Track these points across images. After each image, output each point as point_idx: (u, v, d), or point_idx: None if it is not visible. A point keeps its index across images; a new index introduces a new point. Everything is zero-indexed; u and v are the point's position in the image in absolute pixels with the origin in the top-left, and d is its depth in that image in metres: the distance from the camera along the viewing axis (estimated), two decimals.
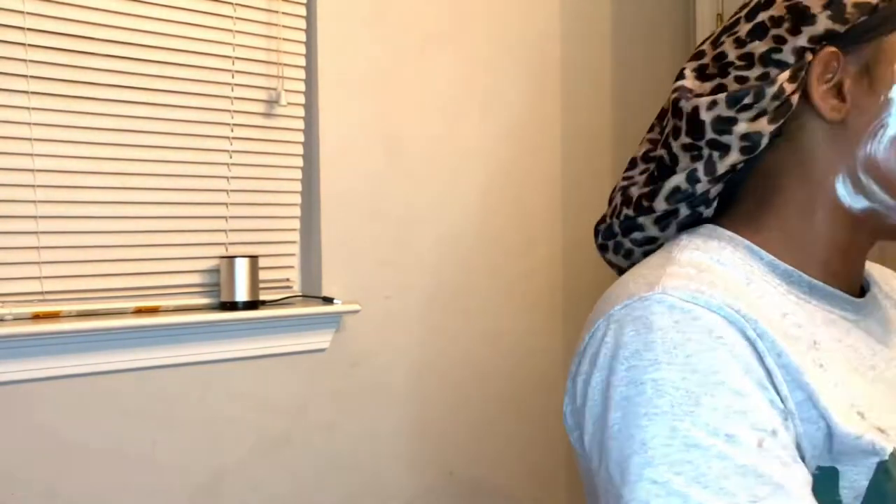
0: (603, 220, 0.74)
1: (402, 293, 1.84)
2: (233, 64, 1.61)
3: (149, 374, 1.50)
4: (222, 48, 1.59)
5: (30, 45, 1.38)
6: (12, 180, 1.38)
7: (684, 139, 0.65)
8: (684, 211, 0.67)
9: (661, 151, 0.68)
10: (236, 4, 1.60)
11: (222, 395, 1.59)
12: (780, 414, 0.53)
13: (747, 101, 0.61)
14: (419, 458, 1.88)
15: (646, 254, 0.71)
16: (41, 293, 1.42)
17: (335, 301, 1.68)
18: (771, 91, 0.60)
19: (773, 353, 0.56)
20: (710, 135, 0.63)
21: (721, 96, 0.62)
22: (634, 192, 0.70)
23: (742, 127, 0.61)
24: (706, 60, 0.67)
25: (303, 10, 1.70)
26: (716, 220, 0.68)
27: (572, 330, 2.16)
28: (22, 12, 1.36)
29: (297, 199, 1.72)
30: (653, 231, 0.69)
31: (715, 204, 0.67)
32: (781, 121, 0.61)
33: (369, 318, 1.78)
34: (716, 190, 0.65)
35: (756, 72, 0.62)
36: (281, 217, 1.70)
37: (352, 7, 1.75)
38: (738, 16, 0.67)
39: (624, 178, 0.73)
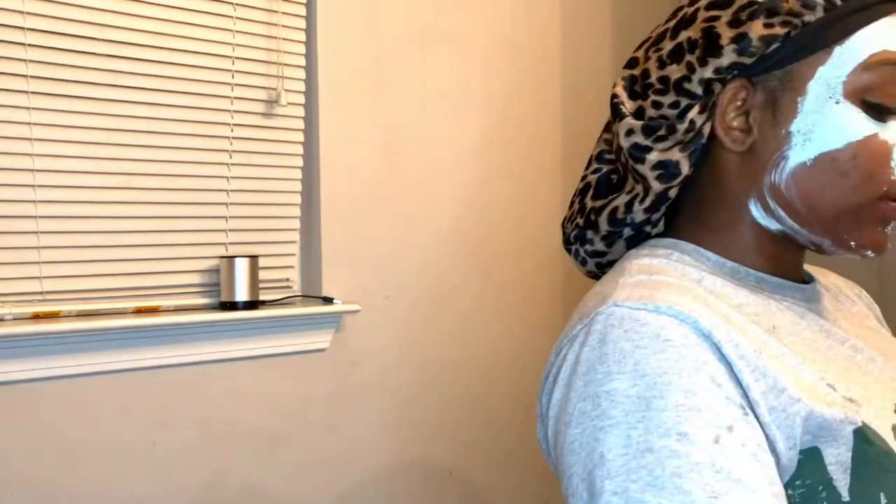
0: (564, 221, 0.77)
1: (402, 293, 1.84)
2: (233, 64, 1.61)
3: (149, 374, 1.50)
4: (222, 48, 1.59)
5: (30, 45, 1.38)
6: (12, 180, 1.38)
7: (623, 157, 0.67)
8: (628, 231, 0.69)
9: (618, 162, 0.70)
10: (236, 4, 1.60)
11: (222, 395, 1.59)
12: (737, 409, 0.53)
13: (661, 132, 0.64)
14: (419, 458, 1.88)
15: (598, 265, 0.75)
16: (41, 293, 1.42)
17: (335, 301, 1.68)
18: (682, 126, 0.63)
19: (729, 345, 0.56)
20: (629, 161, 0.65)
21: (637, 125, 0.65)
22: (588, 201, 0.72)
23: (654, 155, 0.64)
24: (636, 73, 0.69)
25: (303, 10, 1.70)
26: (659, 234, 0.71)
27: None
28: (22, 12, 1.36)
29: (297, 199, 1.72)
30: (600, 246, 0.72)
31: (661, 223, 0.70)
32: (693, 149, 0.63)
33: (369, 318, 1.78)
34: (657, 216, 0.68)
35: (669, 98, 0.64)
36: (281, 217, 1.70)
37: (351, 7, 1.75)
38: (666, 26, 0.69)
39: (582, 179, 0.75)
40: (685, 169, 0.64)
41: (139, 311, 1.51)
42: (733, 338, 0.56)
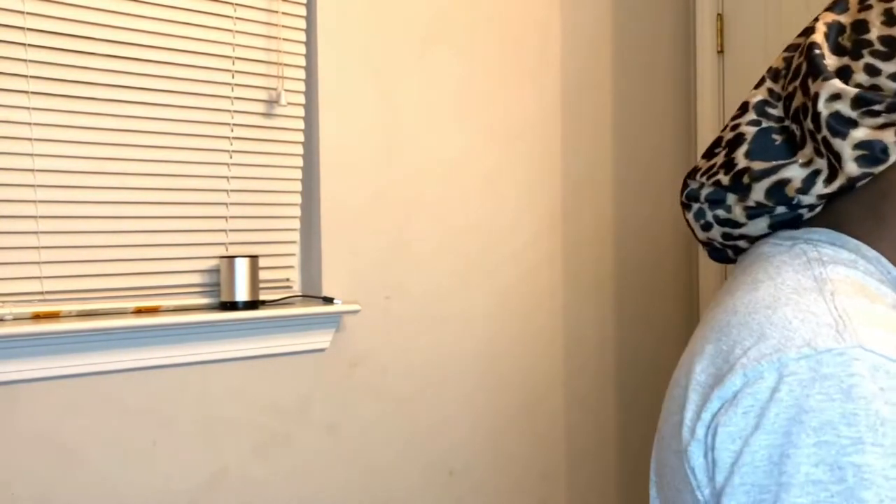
0: (694, 172, 0.63)
1: (402, 293, 1.84)
2: (233, 64, 1.61)
3: (149, 374, 1.50)
4: (222, 48, 1.59)
5: (30, 45, 1.38)
6: (12, 180, 1.38)
7: (809, 124, 0.54)
8: (782, 209, 0.57)
9: (790, 122, 0.57)
10: (236, 4, 1.60)
11: (222, 395, 1.59)
12: None
13: (878, 107, 0.51)
14: (419, 458, 1.88)
15: (724, 235, 0.62)
16: (41, 293, 1.42)
17: (335, 301, 1.68)
18: None
19: None
20: (823, 131, 0.53)
21: (850, 91, 0.52)
22: (740, 158, 0.58)
23: (861, 133, 0.51)
24: (845, 21, 0.56)
25: (303, 10, 1.70)
26: (818, 218, 0.58)
27: (572, 329, 2.16)
28: (22, 12, 1.36)
29: (297, 198, 1.72)
30: (739, 216, 0.60)
31: (820, 207, 0.57)
32: None
33: (369, 318, 1.78)
34: (827, 198, 0.55)
35: (892, 67, 0.52)
36: (281, 217, 1.70)
37: (352, 7, 1.75)
38: None
39: (732, 129, 0.61)
40: (894, 156, 0.51)
41: (139, 311, 1.51)
42: None
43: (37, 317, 1.40)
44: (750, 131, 0.59)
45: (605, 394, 2.25)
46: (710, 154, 0.62)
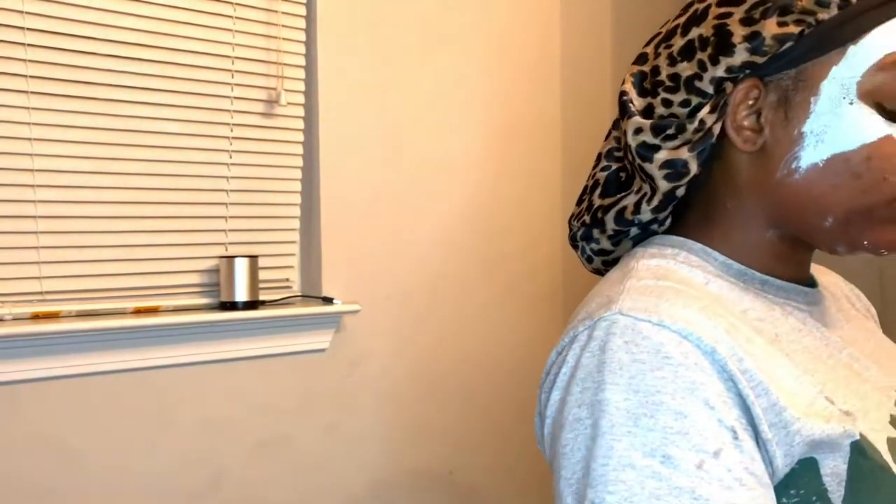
0: (572, 217, 0.75)
1: (402, 293, 1.84)
2: (233, 64, 1.61)
3: (149, 374, 1.50)
4: (222, 48, 1.59)
5: (30, 45, 1.38)
6: (12, 180, 1.38)
7: (629, 156, 0.66)
8: (635, 231, 0.69)
9: (626, 160, 0.69)
10: (236, 4, 1.60)
11: (222, 395, 1.59)
12: (728, 433, 0.53)
13: (670, 131, 0.63)
14: (419, 458, 1.88)
15: (604, 263, 0.74)
16: (41, 293, 1.42)
17: (335, 301, 1.68)
18: (692, 125, 0.62)
19: (733, 360, 0.55)
20: (636, 160, 0.65)
21: (646, 123, 0.64)
22: (596, 199, 0.71)
23: (663, 154, 0.63)
24: (646, 69, 0.68)
25: (303, 10, 1.70)
26: (667, 231, 0.70)
27: None
28: (22, 12, 1.36)
29: (297, 199, 1.72)
30: (606, 245, 0.71)
31: (668, 221, 0.69)
32: (702, 148, 0.62)
33: (369, 318, 1.78)
34: (664, 215, 0.67)
35: (680, 97, 0.63)
36: (281, 217, 1.70)
37: (352, 7, 1.75)
38: (677, 22, 0.67)
39: (591, 177, 0.74)
40: (694, 168, 0.63)
41: (139, 311, 1.51)
42: (737, 352, 0.56)
43: (37, 317, 1.40)
44: (602, 176, 0.72)
45: None
46: (579, 201, 0.75)
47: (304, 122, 1.72)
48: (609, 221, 0.69)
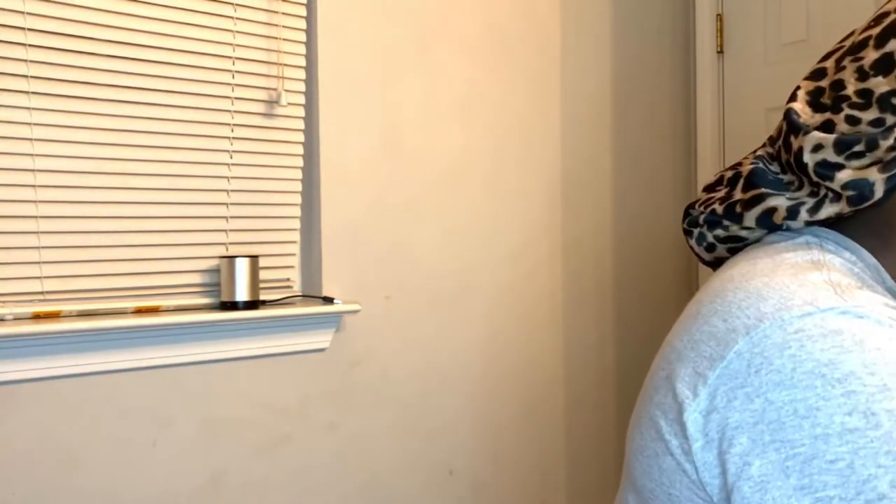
0: (693, 203, 0.68)
1: (402, 293, 1.84)
2: (233, 64, 1.61)
3: (149, 374, 1.50)
4: (222, 48, 1.59)
5: (30, 45, 1.38)
6: (12, 180, 1.38)
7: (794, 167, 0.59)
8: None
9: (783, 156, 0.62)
10: (236, 4, 1.60)
11: (222, 395, 1.59)
12: None
13: (858, 148, 0.55)
14: (419, 457, 1.88)
15: (730, 250, 0.66)
16: (41, 293, 1.42)
17: (335, 301, 1.68)
18: (886, 143, 0.54)
19: None
20: (814, 178, 0.57)
21: (829, 139, 0.56)
22: (737, 192, 0.63)
23: (846, 174, 0.55)
24: (824, 84, 0.61)
25: (303, 11, 1.70)
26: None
27: (572, 329, 2.16)
28: (22, 12, 1.37)
29: (297, 198, 1.72)
30: (740, 232, 0.64)
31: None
32: (894, 171, 0.54)
33: (369, 318, 1.78)
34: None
35: (871, 115, 0.56)
36: (281, 217, 1.70)
37: (352, 7, 1.75)
38: (868, 34, 0.59)
39: (731, 166, 0.67)
40: (880, 192, 0.54)
41: (139, 311, 1.51)
42: None
43: (37, 317, 1.40)
44: (748, 168, 0.63)
45: (605, 394, 2.25)
46: (710, 189, 0.67)
47: (305, 122, 1.72)
48: (749, 218, 0.60)
